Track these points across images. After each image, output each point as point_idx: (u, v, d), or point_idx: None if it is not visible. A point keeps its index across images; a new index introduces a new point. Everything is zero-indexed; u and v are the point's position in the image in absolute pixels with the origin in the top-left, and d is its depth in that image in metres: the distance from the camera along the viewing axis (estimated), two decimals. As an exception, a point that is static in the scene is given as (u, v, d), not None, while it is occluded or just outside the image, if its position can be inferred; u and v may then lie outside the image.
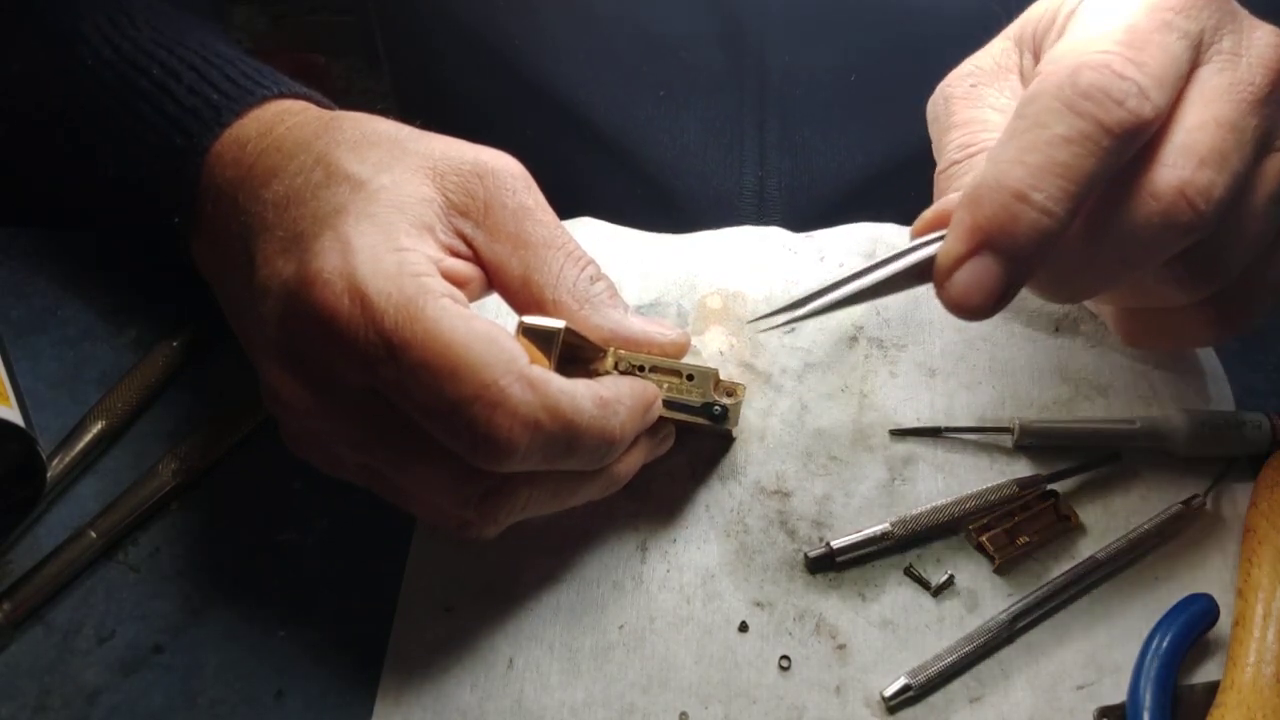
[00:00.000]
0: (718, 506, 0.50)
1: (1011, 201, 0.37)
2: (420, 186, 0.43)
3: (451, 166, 0.44)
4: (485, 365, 0.38)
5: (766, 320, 0.45)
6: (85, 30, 0.53)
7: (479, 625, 0.47)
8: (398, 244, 0.41)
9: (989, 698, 0.45)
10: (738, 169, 0.69)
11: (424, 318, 0.39)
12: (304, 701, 0.46)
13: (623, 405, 0.43)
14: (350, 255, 0.40)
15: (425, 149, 0.45)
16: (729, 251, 0.59)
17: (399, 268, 0.40)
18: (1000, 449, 0.52)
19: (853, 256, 0.59)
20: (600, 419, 0.41)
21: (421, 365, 0.38)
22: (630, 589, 0.48)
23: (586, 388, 0.42)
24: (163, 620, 0.48)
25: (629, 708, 0.45)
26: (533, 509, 0.44)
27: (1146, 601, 0.47)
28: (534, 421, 0.39)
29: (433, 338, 0.38)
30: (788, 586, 0.48)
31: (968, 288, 0.38)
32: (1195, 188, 0.38)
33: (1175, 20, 0.40)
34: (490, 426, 0.38)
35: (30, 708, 0.45)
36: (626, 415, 0.43)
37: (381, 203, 0.42)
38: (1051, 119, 0.37)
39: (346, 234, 0.41)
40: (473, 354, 0.38)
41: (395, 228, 0.42)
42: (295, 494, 0.51)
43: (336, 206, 0.42)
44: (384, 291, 0.39)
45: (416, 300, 0.39)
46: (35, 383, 0.54)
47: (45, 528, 0.50)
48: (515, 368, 0.39)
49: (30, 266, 0.59)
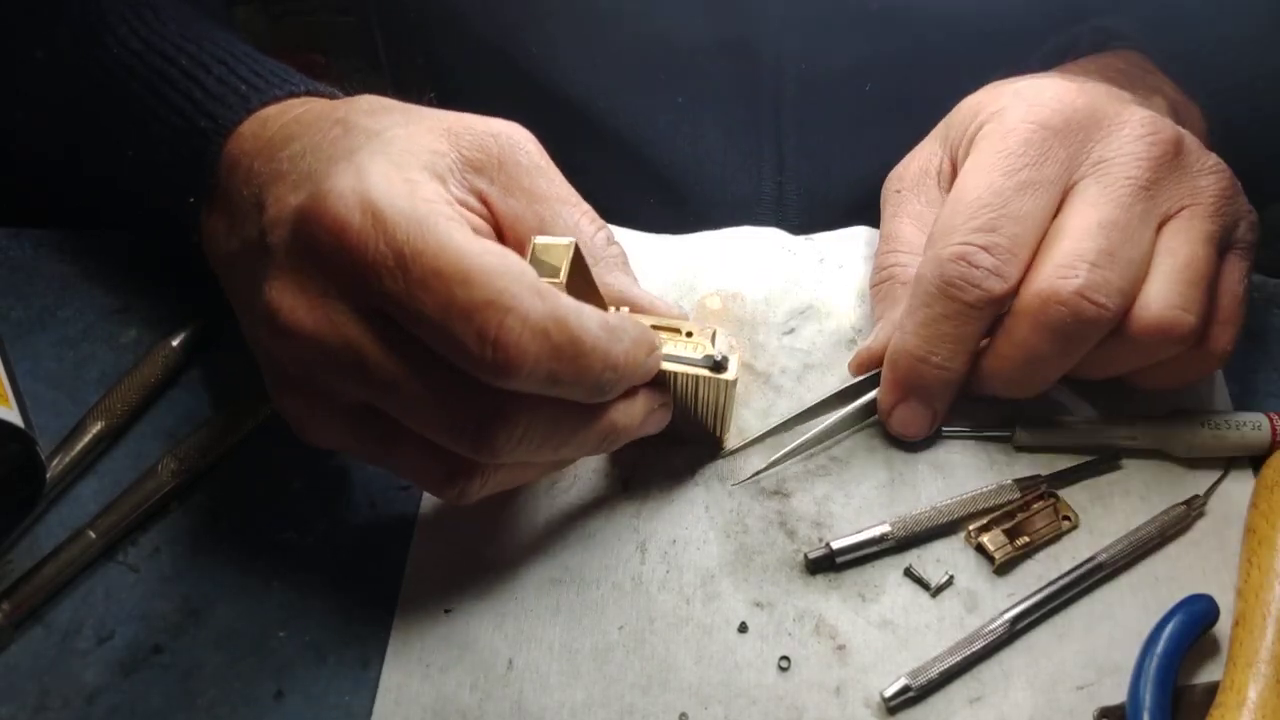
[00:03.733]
0: (718, 506, 0.50)
1: (916, 364, 0.49)
2: (435, 141, 0.44)
3: (465, 127, 0.46)
4: (498, 273, 0.39)
5: (750, 467, 0.52)
6: (112, 22, 0.54)
7: (479, 625, 0.47)
8: (410, 176, 0.42)
9: (989, 698, 0.45)
10: (756, 176, 0.70)
11: (437, 231, 0.39)
12: (304, 701, 0.46)
13: (627, 334, 0.43)
14: (364, 177, 0.41)
15: (437, 114, 0.46)
16: (728, 252, 0.59)
17: (412, 191, 0.41)
18: (1000, 449, 0.52)
19: (851, 259, 0.59)
20: (605, 341, 0.41)
21: (434, 273, 0.38)
22: (630, 589, 0.48)
23: (593, 310, 0.42)
24: (163, 620, 0.48)
25: (629, 708, 0.45)
26: (526, 448, 0.42)
27: (1146, 601, 0.47)
28: (543, 330, 0.39)
29: (445, 248, 0.39)
30: (787, 587, 0.48)
31: (904, 424, 0.51)
32: (1092, 288, 0.46)
33: (1033, 175, 0.48)
34: (502, 330, 0.38)
35: (30, 708, 0.45)
36: (630, 345, 0.43)
37: (396, 148, 0.43)
38: (932, 300, 0.48)
39: (360, 162, 0.42)
40: (485, 263, 0.39)
41: (409, 167, 0.42)
42: (295, 494, 0.51)
43: (351, 148, 0.43)
44: (396, 206, 0.40)
45: (429, 218, 0.39)
46: (35, 383, 0.54)
47: (45, 528, 0.50)
48: (527, 279, 0.39)
49: (30, 266, 0.59)
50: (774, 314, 0.57)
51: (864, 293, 0.57)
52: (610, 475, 0.51)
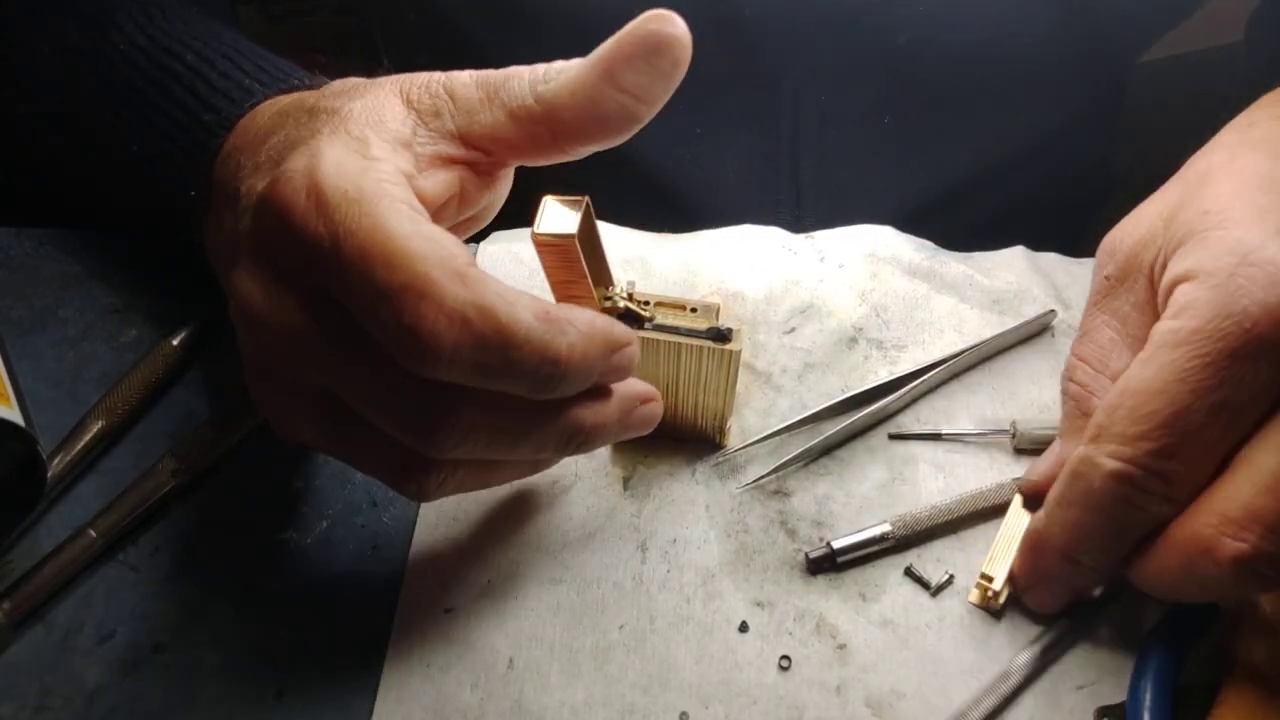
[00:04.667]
0: (718, 506, 0.50)
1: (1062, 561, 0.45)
2: (392, 105, 0.44)
3: (416, 82, 0.45)
4: (420, 257, 0.38)
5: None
6: (119, 19, 0.54)
7: (479, 625, 0.47)
8: (368, 153, 0.41)
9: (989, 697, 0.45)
10: (773, 207, 0.70)
11: (373, 212, 0.38)
12: (304, 701, 0.46)
13: (574, 328, 0.40)
14: (316, 158, 0.40)
15: (394, 78, 0.46)
16: (729, 251, 0.59)
17: (363, 170, 0.40)
18: (1000, 450, 0.52)
19: (852, 257, 0.59)
20: (541, 333, 0.39)
21: (360, 254, 0.38)
22: (630, 589, 0.48)
23: (531, 299, 0.39)
24: (163, 620, 0.48)
25: (629, 708, 0.45)
26: (475, 444, 0.41)
27: (1147, 601, 0.47)
28: (461, 317, 0.37)
29: (375, 229, 0.38)
30: (788, 586, 0.48)
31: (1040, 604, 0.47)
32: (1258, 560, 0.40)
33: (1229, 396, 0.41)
34: (415, 316, 0.37)
35: (30, 708, 0.45)
36: (579, 340, 0.40)
37: (355, 122, 0.43)
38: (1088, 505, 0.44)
39: (317, 144, 0.41)
40: (410, 246, 0.38)
41: (367, 142, 0.42)
42: (295, 494, 0.51)
43: (314, 130, 0.43)
44: (339, 187, 0.39)
45: (370, 197, 0.39)
46: (35, 383, 0.54)
47: (45, 528, 0.50)
48: (452, 264, 0.38)
49: (31, 266, 0.59)
50: (774, 313, 0.57)
51: (864, 291, 0.57)
52: (610, 475, 0.51)
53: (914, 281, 0.58)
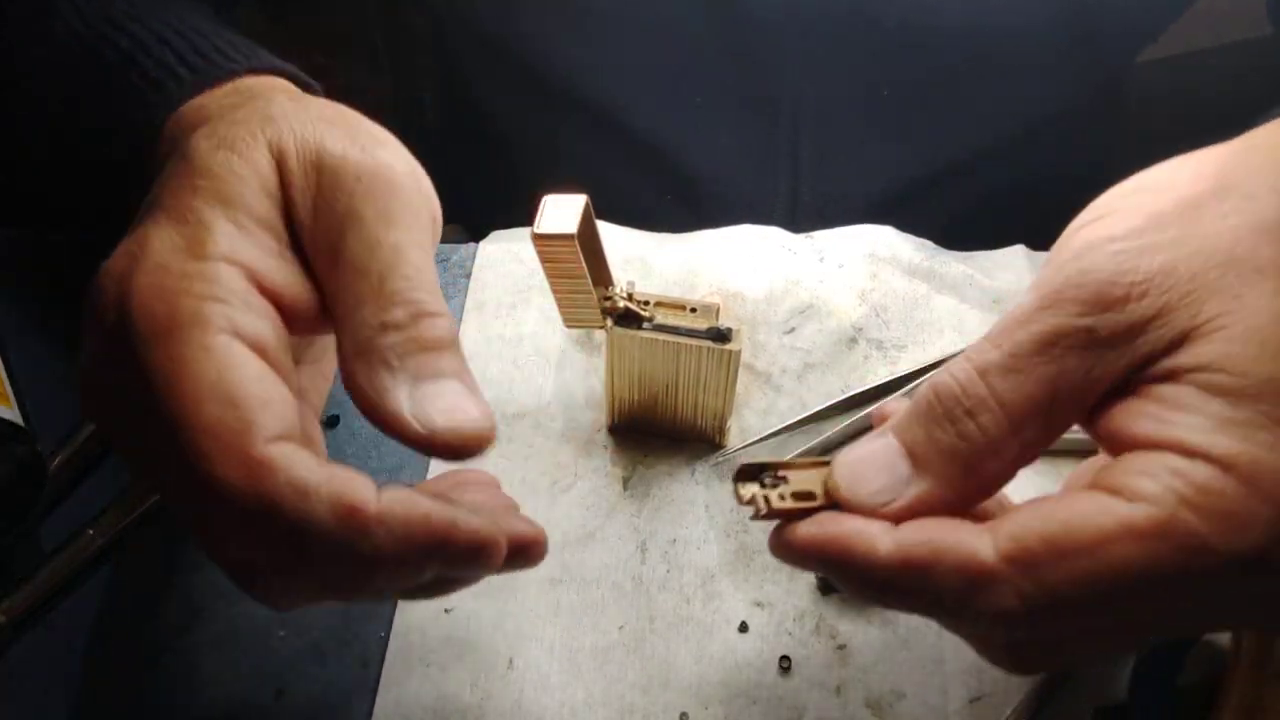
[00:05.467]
0: (718, 506, 0.50)
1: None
2: (260, 168, 0.37)
3: (300, 145, 0.37)
4: (205, 431, 0.32)
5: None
6: (57, 2, 0.49)
7: (479, 625, 0.47)
8: (203, 251, 0.35)
9: (988, 697, 0.45)
10: (772, 182, 0.70)
11: (175, 357, 0.33)
12: (304, 701, 0.46)
13: (384, 529, 0.33)
14: (138, 259, 0.35)
15: (290, 118, 0.38)
16: (728, 251, 0.59)
17: (183, 285, 0.34)
18: (1000, 449, 0.52)
19: (852, 257, 0.59)
20: (341, 534, 0.32)
21: (158, 401, 0.33)
22: (630, 589, 0.48)
23: (337, 487, 0.32)
24: (163, 620, 0.48)
25: (629, 708, 0.45)
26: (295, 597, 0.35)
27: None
28: (240, 512, 0.32)
29: (173, 386, 0.33)
30: (788, 587, 0.48)
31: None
32: None
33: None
34: (196, 503, 0.33)
35: (31, 708, 0.45)
36: (393, 543, 0.33)
37: (204, 193, 0.36)
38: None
39: (146, 234, 0.35)
40: (201, 416, 0.32)
41: (209, 228, 0.35)
42: (295, 494, 0.51)
43: (156, 195, 0.37)
44: (147, 313, 0.33)
45: (177, 334, 0.33)
46: (35, 383, 0.54)
47: (45, 528, 0.50)
48: (241, 442, 0.32)
49: (30, 266, 0.59)
50: (774, 313, 0.57)
51: (864, 291, 0.57)
52: (610, 475, 0.52)
53: (914, 281, 0.58)
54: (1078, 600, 0.32)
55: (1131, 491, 0.32)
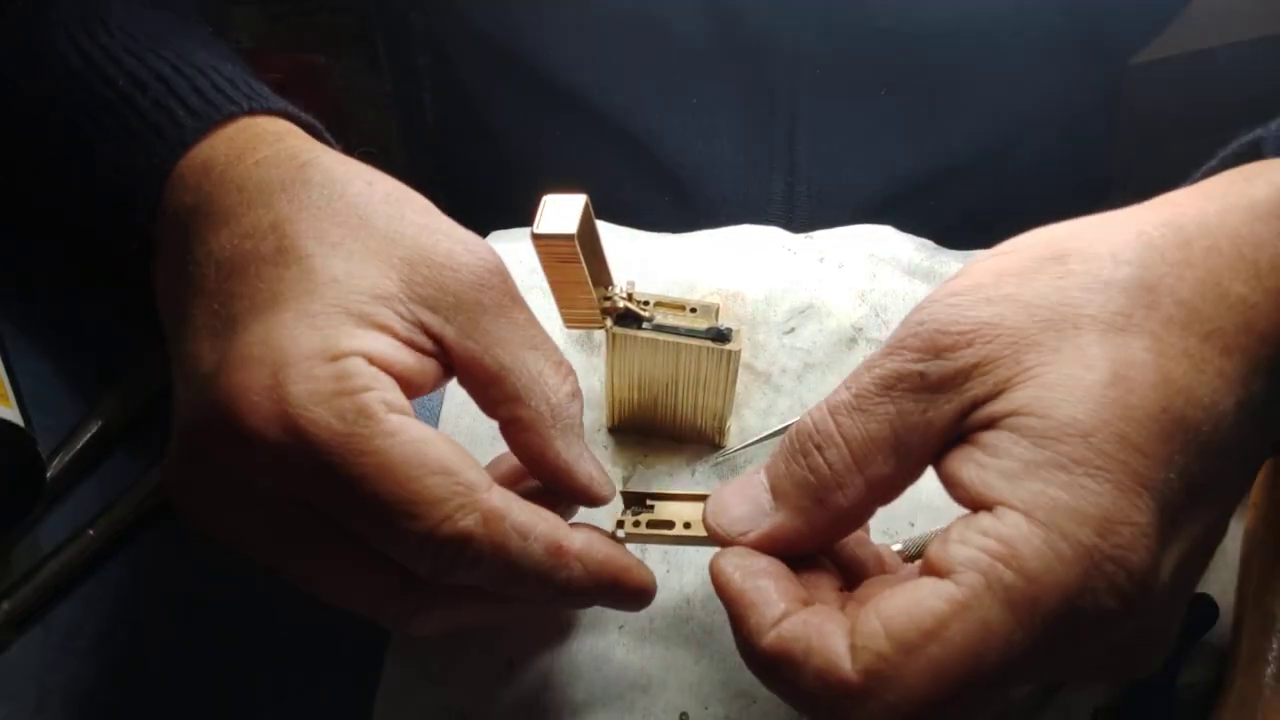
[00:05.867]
0: (718, 507, 0.50)
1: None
2: (380, 279, 0.39)
3: (423, 256, 0.40)
4: (441, 501, 0.36)
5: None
6: (56, 39, 0.49)
7: (479, 625, 0.47)
8: (336, 348, 0.37)
9: (989, 698, 0.45)
10: (768, 178, 0.70)
11: (371, 450, 0.36)
12: (304, 701, 0.46)
13: (581, 565, 0.39)
14: (281, 371, 0.36)
15: (395, 232, 0.40)
16: (728, 251, 0.59)
17: (336, 385, 0.36)
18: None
19: (852, 257, 0.59)
20: (548, 567, 0.38)
21: (374, 501, 0.36)
22: (630, 589, 0.48)
23: (548, 528, 0.38)
24: (163, 620, 0.48)
25: (629, 708, 0.45)
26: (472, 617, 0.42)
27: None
28: (475, 555, 0.37)
29: (385, 472, 0.36)
30: (788, 587, 0.48)
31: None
32: None
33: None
34: (434, 558, 0.37)
35: (30, 708, 0.45)
36: (584, 576, 0.39)
37: (327, 299, 0.38)
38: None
39: (279, 340, 0.37)
40: (429, 490, 0.36)
41: (338, 330, 0.37)
42: (295, 494, 0.51)
43: (276, 294, 0.38)
44: (321, 421, 0.36)
45: (359, 430, 0.36)
46: (35, 383, 0.54)
47: (45, 528, 0.50)
48: (471, 500, 0.37)
49: (30, 266, 0.59)
50: (774, 313, 0.57)
51: (864, 291, 0.57)
52: (610, 475, 0.51)
53: (914, 281, 0.58)
54: (938, 693, 0.32)
55: (949, 565, 0.33)
